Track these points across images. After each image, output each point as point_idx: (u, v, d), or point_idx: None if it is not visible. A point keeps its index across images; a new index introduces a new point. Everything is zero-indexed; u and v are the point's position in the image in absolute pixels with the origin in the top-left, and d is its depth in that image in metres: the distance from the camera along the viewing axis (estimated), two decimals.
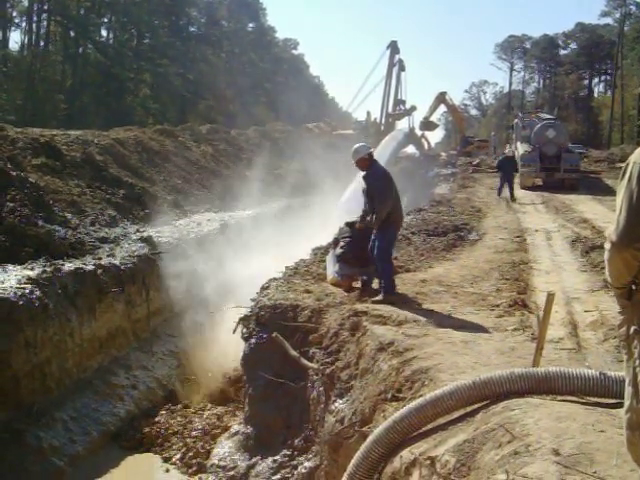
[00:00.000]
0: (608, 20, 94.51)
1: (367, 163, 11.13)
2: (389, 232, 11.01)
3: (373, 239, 10.90)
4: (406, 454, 5.84)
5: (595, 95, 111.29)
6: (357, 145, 11.51)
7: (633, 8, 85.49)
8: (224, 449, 11.48)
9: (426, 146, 62.77)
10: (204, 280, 20.05)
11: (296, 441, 10.15)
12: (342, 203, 34.89)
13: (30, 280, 14.02)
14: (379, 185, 10.97)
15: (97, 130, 34.63)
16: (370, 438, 6.17)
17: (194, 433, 14.04)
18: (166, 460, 13.43)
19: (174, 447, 13.77)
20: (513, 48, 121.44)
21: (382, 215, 10.73)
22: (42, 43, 68.92)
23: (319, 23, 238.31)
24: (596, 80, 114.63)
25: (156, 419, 15.08)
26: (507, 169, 29.00)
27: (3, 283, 13.49)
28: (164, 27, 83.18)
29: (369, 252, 10.95)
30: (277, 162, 45.57)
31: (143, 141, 34.15)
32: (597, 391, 5.73)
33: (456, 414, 5.91)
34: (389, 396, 7.41)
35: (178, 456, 13.33)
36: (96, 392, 15.35)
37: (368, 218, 11.10)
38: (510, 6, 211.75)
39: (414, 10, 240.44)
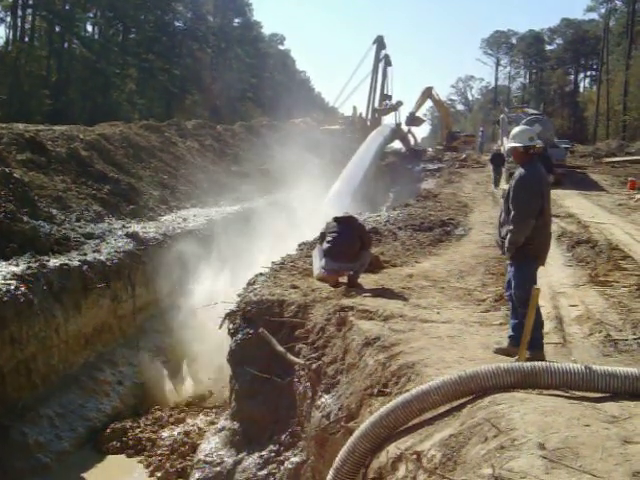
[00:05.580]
0: (593, 15, 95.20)
1: (522, 157, 7.82)
2: (528, 267, 7.68)
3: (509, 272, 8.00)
4: (392, 449, 5.84)
5: (581, 90, 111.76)
6: (517, 129, 8.20)
7: (618, 3, 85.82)
8: (210, 445, 11.43)
9: (412, 141, 62.74)
10: (190, 275, 20.08)
11: (283, 436, 10.14)
12: (329, 198, 34.85)
13: (15, 276, 13.97)
14: (518, 194, 7.58)
15: (83, 125, 34.45)
16: (356, 433, 6.17)
17: (162, 450, 14.02)
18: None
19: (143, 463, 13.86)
20: (499, 43, 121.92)
21: (516, 239, 7.48)
22: (27, 38, 68.33)
23: (305, 18, 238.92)
24: (582, 75, 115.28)
25: (127, 426, 15.04)
26: None
27: None
28: (150, 22, 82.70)
29: (507, 290, 8.08)
30: (263, 157, 45.43)
31: (129, 136, 33.99)
32: (582, 385, 5.74)
33: (442, 409, 5.92)
34: (375, 391, 7.41)
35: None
36: (82, 388, 15.33)
37: (502, 236, 7.86)
38: (496, 1, 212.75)
39: (401, 5, 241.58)
